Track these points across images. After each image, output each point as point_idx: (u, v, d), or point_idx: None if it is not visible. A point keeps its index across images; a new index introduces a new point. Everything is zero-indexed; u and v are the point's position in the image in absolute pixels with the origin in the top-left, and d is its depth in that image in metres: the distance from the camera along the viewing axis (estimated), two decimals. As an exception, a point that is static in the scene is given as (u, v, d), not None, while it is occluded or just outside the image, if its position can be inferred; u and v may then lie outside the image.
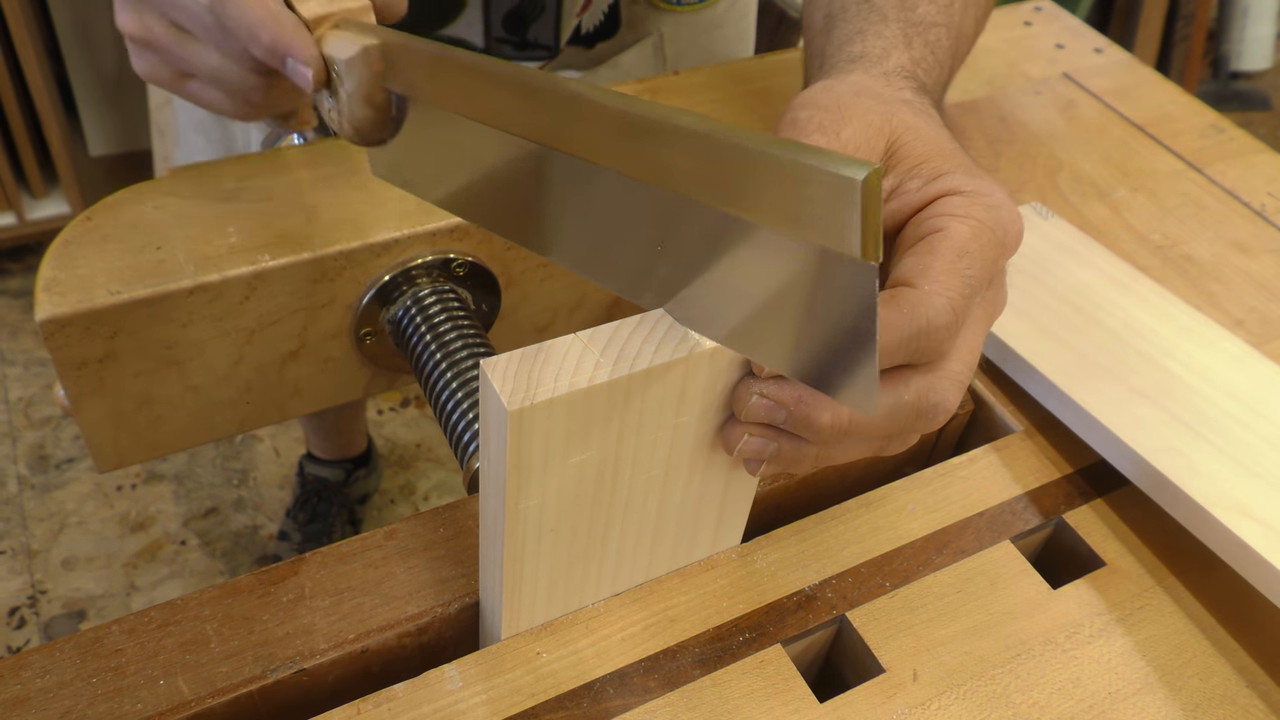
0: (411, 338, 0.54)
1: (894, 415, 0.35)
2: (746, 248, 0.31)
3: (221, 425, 0.57)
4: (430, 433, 1.56)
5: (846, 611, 0.43)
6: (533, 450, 0.33)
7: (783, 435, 0.36)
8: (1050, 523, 0.48)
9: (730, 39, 0.83)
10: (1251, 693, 0.43)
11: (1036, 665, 0.42)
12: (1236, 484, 0.45)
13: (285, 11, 0.42)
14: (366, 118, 0.43)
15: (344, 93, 0.42)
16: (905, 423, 0.35)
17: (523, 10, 0.70)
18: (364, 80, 0.42)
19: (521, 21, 0.71)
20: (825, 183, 0.27)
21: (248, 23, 0.41)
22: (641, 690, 0.40)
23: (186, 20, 0.43)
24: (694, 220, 0.32)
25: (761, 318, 0.32)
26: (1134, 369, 0.51)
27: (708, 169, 0.30)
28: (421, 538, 0.45)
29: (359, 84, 0.42)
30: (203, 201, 0.54)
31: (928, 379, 0.35)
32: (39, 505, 1.43)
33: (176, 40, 0.44)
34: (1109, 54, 0.80)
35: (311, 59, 0.42)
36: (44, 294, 0.48)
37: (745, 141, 0.29)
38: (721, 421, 0.37)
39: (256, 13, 0.41)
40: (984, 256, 0.35)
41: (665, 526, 0.41)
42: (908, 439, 0.38)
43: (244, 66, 0.44)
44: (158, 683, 0.39)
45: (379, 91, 0.42)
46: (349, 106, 0.43)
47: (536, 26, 0.71)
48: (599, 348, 0.33)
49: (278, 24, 0.41)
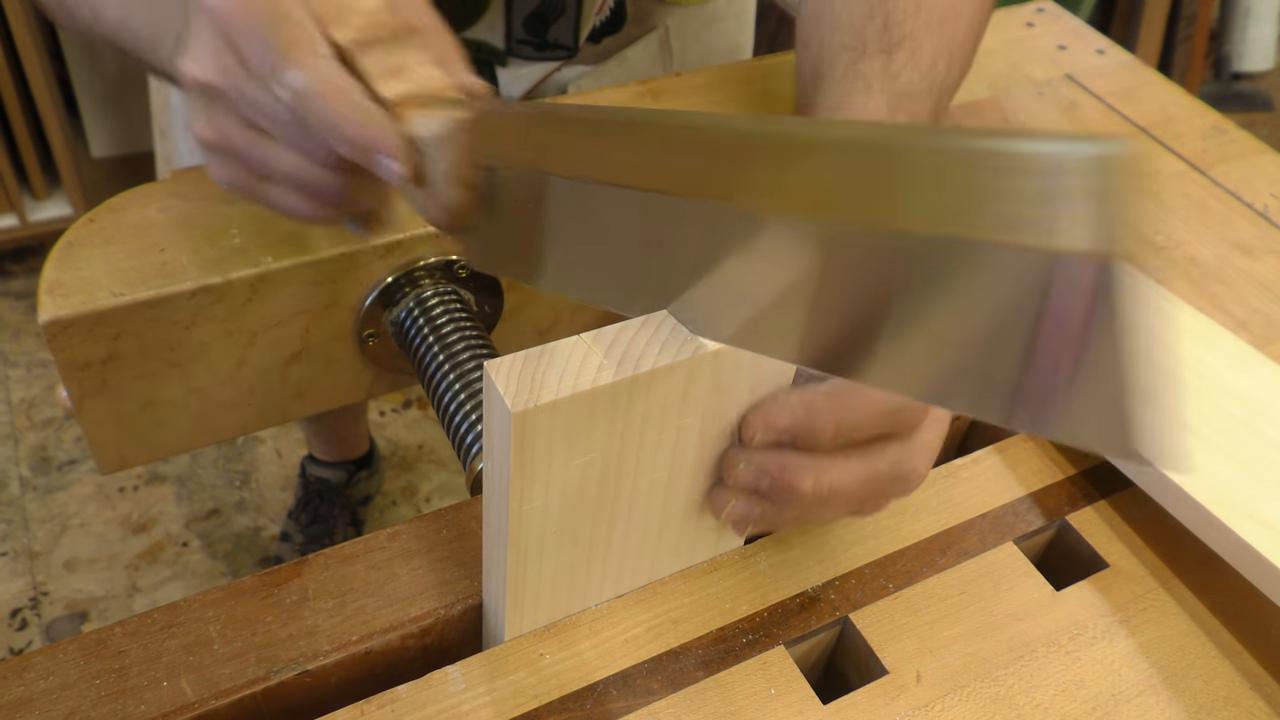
0: (414, 339, 0.54)
1: (870, 482, 0.37)
2: (961, 272, 0.24)
3: (224, 427, 0.57)
4: (432, 434, 1.56)
5: (850, 613, 0.43)
6: (536, 452, 0.33)
7: (766, 500, 0.38)
8: (1053, 524, 0.48)
9: (732, 31, 0.84)
10: (1255, 695, 0.43)
11: (1040, 667, 0.42)
12: (1240, 486, 0.45)
13: (369, 103, 0.38)
14: (459, 199, 0.39)
15: (433, 176, 0.39)
16: (880, 489, 0.38)
17: (544, 11, 0.70)
18: (455, 158, 0.38)
19: (543, 22, 0.71)
20: (1052, 168, 0.22)
21: (330, 118, 0.37)
22: (645, 691, 0.40)
23: (264, 120, 0.40)
24: (893, 253, 0.26)
25: (981, 362, 0.26)
26: (1137, 370, 0.50)
27: (866, 183, 0.26)
28: (424, 539, 0.45)
29: (449, 163, 0.38)
30: (205, 203, 0.54)
31: (902, 448, 0.38)
32: (41, 507, 1.43)
33: (253, 142, 0.41)
34: (1111, 55, 0.80)
35: (399, 150, 0.38)
36: (47, 296, 0.49)
37: (914, 140, 0.25)
38: (724, 426, 0.37)
39: (339, 107, 0.37)
40: None
41: (668, 527, 0.41)
42: (881, 503, 0.40)
43: (325, 165, 0.41)
44: (161, 684, 0.39)
45: (471, 169, 0.39)
46: (439, 189, 0.39)
47: (557, 27, 0.71)
48: (602, 349, 0.33)
49: (363, 117, 0.37)
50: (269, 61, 0.38)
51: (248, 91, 0.39)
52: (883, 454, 0.38)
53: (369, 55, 0.39)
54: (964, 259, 0.24)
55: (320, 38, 0.38)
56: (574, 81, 0.76)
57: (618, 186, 0.33)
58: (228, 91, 0.40)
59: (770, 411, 0.36)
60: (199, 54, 0.40)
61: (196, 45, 0.40)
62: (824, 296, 0.28)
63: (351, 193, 0.43)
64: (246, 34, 0.38)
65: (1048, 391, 0.24)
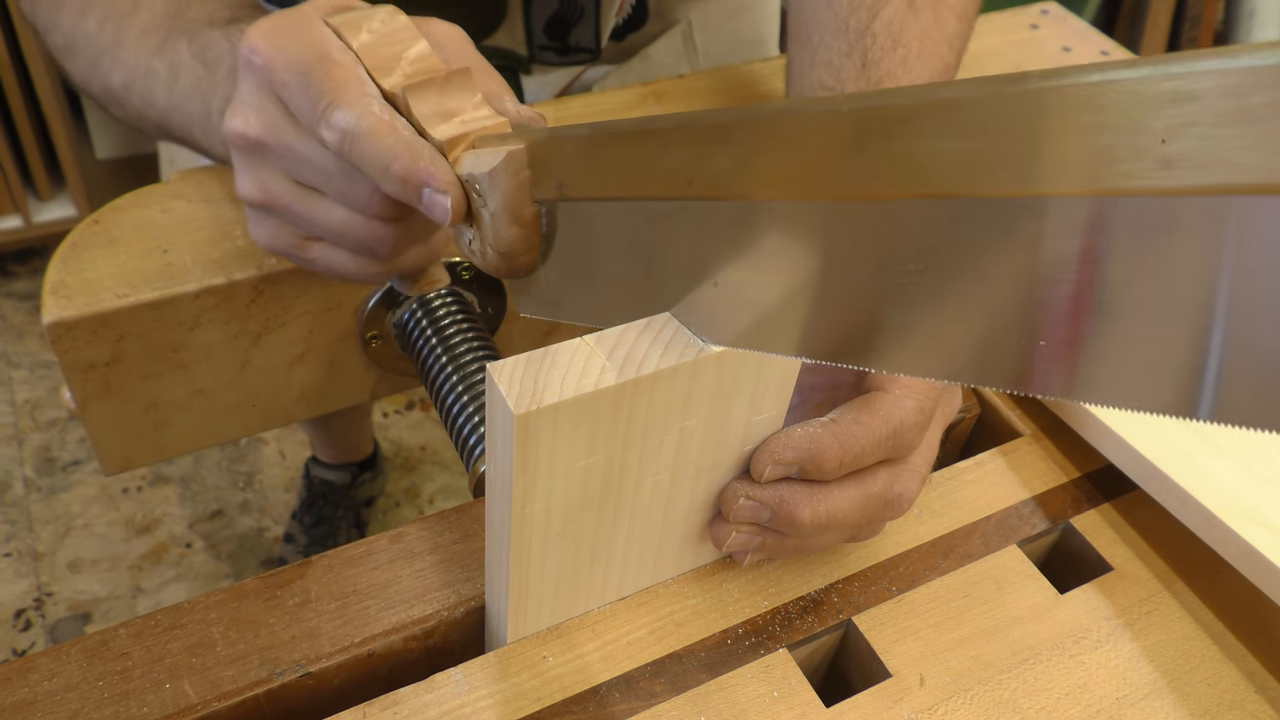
0: (417, 341, 0.54)
1: (864, 507, 0.39)
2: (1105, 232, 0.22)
3: (228, 428, 0.57)
4: (435, 435, 1.56)
5: (853, 616, 0.43)
6: (539, 454, 0.33)
7: (766, 531, 0.40)
8: (1057, 527, 0.48)
9: (756, 22, 0.83)
10: (1260, 698, 0.43)
11: (1044, 670, 0.42)
12: (1244, 488, 0.45)
13: (417, 139, 0.37)
14: (515, 238, 0.37)
15: (487, 214, 0.37)
16: (874, 513, 0.40)
17: (563, 15, 0.70)
18: (509, 193, 0.36)
19: (563, 26, 0.71)
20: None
21: (379, 154, 0.37)
22: (647, 694, 0.40)
23: (310, 174, 0.40)
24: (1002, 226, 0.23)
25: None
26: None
27: (997, 144, 0.22)
28: (427, 541, 0.45)
29: (504, 198, 0.36)
30: (209, 205, 0.54)
31: (892, 472, 0.40)
32: (45, 508, 1.43)
33: (299, 199, 0.41)
34: (1116, 56, 0.79)
35: (450, 185, 0.37)
36: (51, 297, 0.49)
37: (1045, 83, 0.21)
38: (726, 429, 0.37)
39: (388, 142, 0.37)
40: None
41: (671, 530, 0.41)
42: (876, 527, 0.42)
43: (371, 215, 0.40)
44: (164, 686, 0.39)
45: (527, 204, 0.37)
46: (494, 229, 0.37)
47: (578, 30, 0.71)
48: (605, 351, 0.33)
49: (411, 152, 0.37)
50: (316, 105, 0.37)
51: (295, 145, 0.39)
52: (875, 478, 0.39)
53: (419, 100, 0.38)
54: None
55: (367, 79, 0.38)
56: (599, 82, 0.76)
57: (662, 200, 0.31)
58: (274, 146, 0.40)
59: (776, 448, 0.38)
60: (244, 110, 0.40)
61: (241, 102, 0.40)
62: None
63: (399, 247, 0.42)
64: (293, 85, 0.38)
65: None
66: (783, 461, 0.38)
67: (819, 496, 0.38)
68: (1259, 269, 0.20)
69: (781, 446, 0.38)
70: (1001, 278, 0.24)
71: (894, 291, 0.27)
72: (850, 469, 0.38)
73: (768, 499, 0.38)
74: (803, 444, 0.37)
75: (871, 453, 0.38)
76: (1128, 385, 0.23)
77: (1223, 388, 0.22)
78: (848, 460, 0.37)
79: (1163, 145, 0.20)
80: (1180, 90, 0.19)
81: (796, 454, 0.37)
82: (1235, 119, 0.19)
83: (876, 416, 0.38)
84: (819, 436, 0.37)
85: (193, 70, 0.47)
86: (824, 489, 0.38)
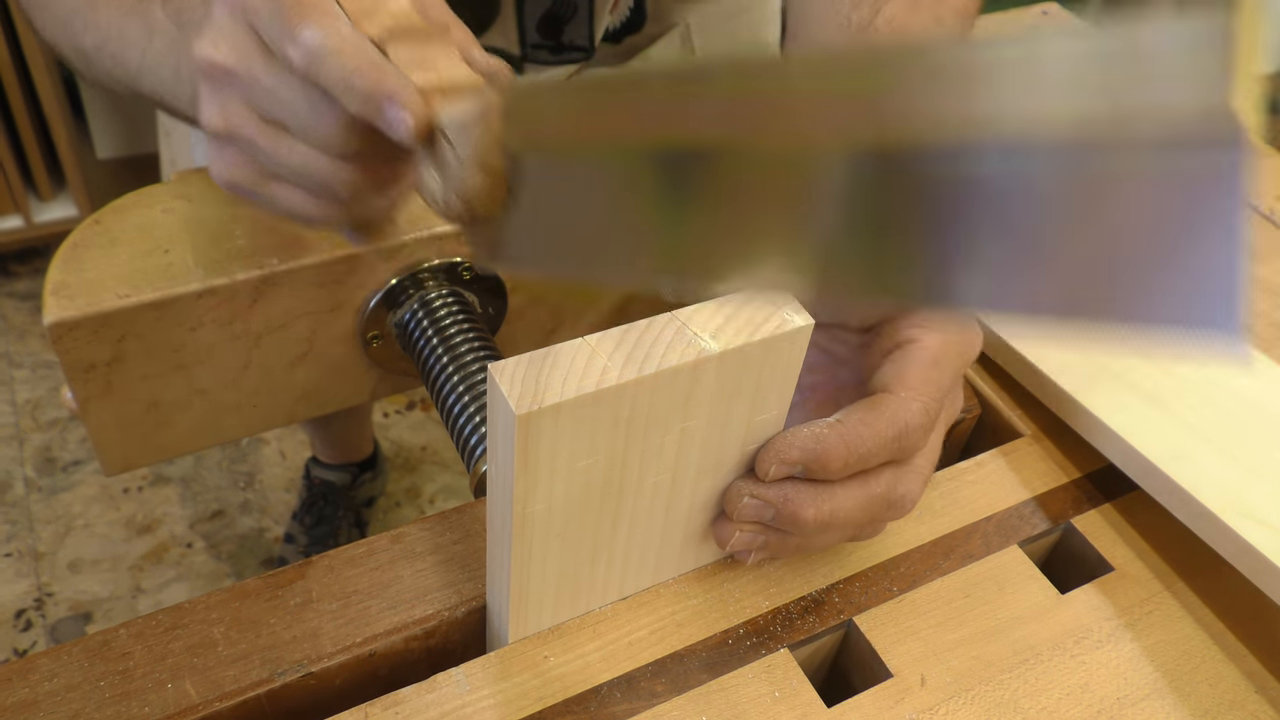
0: (418, 341, 0.54)
1: (867, 507, 0.39)
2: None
3: (228, 428, 0.57)
4: (436, 436, 1.56)
5: (854, 616, 0.43)
6: (540, 454, 0.33)
7: (769, 530, 0.40)
8: (1058, 527, 0.48)
9: (756, 24, 0.83)
10: (1260, 698, 0.43)
11: (1045, 670, 0.42)
12: (1245, 489, 0.45)
13: (386, 61, 0.37)
14: (479, 186, 0.38)
15: (453, 160, 0.37)
16: (877, 513, 0.40)
17: (556, 12, 0.70)
18: (480, 141, 0.37)
19: (556, 24, 0.71)
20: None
21: (344, 71, 0.37)
22: (648, 694, 0.40)
23: (275, 108, 0.40)
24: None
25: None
26: (1142, 373, 0.50)
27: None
28: (428, 541, 0.45)
29: (475, 146, 0.37)
30: (211, 205, 0.54)
31: (895, 472, 0.40)
32: (45, 508, 1.43)
33: (261, 131, 0.40)
34: (1116, 57, 0.79)
35: (412, 102, 0.37)
36: (52, 297, 0.49)
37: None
38: (728, 429, 0.37)
39: (354, 60, 0.37)
40: (952, 366, 0.40)
41: (672, 530, 0.41)
42: (878, 527, 0.42)
43: (334, 154, 0.40)
44: (165, 686, 0.39)
45: (496, 154, 0.37)
46: (459, 174, 0.37)
47: (571, 28, 0.71)
48: (607, 351, 0.33)
49: (376, 69, 0.37)
50: (287, 23, 0.37)
51: (263, 77, 0.39)
52: (878, 479, 0.39)
53: (396, 48, 0.39)
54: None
55: (340, 11, 0.38)
56: None
57: (656, 147, 0.31)
58: (242, 75, 0.39)
59: (782, 448, 0.38)
60: (215, 37, 0.39)
61: (213, 28, 0.40)
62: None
63: (359, 191, 0.42)
64: (266, 10, 0.38)
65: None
66: (788, 461, 0.38)
67: (823, 496, 0.38)
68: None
69: (787, 446, 0.38)
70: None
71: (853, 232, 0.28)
72: (855, 469, 0.38)
73: (772, 498, 0.38)
74: (808, 444, 0.37)
75: (877, 454, 0.38)
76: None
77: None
78: (853, 461, 0.37)
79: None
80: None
81: (802, 454, 0.37)
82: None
83: (882, 418, 0.38)
84: (825, 437, 0.37)
85: (168, 33, 0.47)
86: (828, 489, 0.38)
